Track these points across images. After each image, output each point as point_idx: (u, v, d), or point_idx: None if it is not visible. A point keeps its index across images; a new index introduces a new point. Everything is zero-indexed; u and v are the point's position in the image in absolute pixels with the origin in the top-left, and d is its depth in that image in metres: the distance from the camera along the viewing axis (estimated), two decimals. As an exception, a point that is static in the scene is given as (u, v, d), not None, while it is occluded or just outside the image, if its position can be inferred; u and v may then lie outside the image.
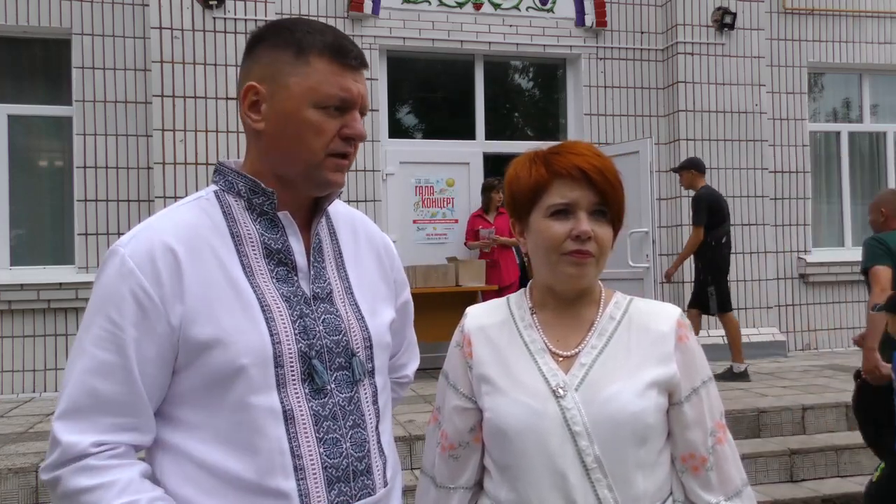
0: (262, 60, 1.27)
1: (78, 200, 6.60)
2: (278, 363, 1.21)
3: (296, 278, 1.28)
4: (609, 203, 1.36)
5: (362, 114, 1.29)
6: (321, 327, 1.27)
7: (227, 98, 6.50)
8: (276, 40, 1.26)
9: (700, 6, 7.67)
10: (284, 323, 1.23)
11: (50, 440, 1.17)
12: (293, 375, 1.22)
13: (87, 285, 6.48)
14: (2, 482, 4.05)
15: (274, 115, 1.25)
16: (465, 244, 7.39)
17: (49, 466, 1.16)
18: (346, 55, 1.25)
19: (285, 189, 1.28)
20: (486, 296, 6.75)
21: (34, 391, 6.46)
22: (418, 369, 1.67)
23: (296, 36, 1.25)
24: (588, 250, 1.34)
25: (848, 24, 8.49)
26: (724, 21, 7.61)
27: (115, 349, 1.17)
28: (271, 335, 1.21)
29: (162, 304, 1.18)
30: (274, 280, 1.26)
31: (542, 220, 1.36)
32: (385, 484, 1.31)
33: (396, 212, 7.31)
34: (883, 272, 3.76)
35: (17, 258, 6.70)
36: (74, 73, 6.65)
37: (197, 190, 1.36)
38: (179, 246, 1.21)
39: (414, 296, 1.60)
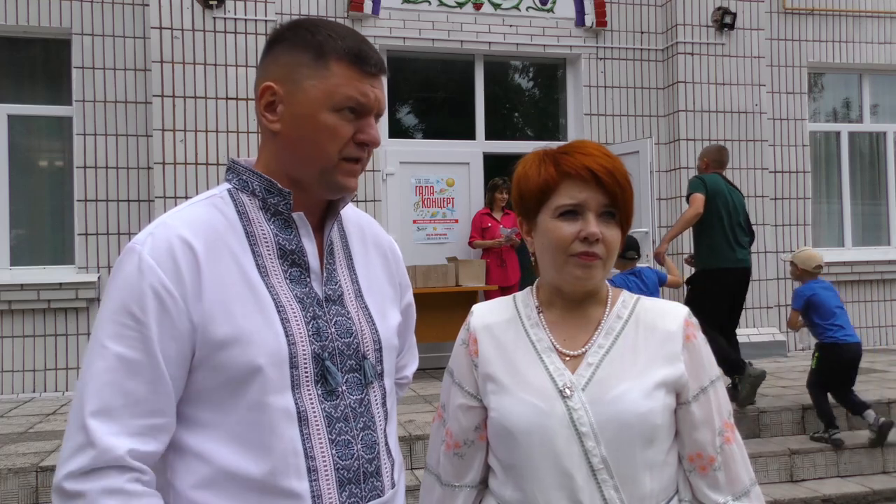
0: (281, 60, 1.26)
1: (78, 200, 6.60)
2: (293, 364, 1.21)
3: (308, 280, 1.28)
4: (618, 205, 1.35)
5: (377, 118, 1.29)
6: (333, 329, 1.27)
7: (227, 98, 6.50)
8: (296, 41, 1.25)
9: (700, 6, 7.67)
10: (298, 324, 1.23)
11: (79, 442, 1.12)
12: (307, 377, 1.22)
13: (88, 285, 6.48)
14: (2, 482, 4.05)
15: (290, 117, 1.24)
16: (471, 242, 7.27)
17: (77, 473, 1.10)
18: (366, 61, 1.25)
19: (299, 191, 1.28)
20: (490, 296, 6.75)
21: (34, 391, 6.46)
22: (419, 369, 1.67)
23: (317, 39, 1.24)
24: (596, 252, 1.33)
25: (848, 24, 8.49)
26: (724, 21, 7.61)
27: (142, 347, 1.14)
28: (287, 336, 1.21)
29: (183, 302, 1.17)
30: (288, 281, 1.26)
31: (551, 221, 1.36)
32: (393, 485, 1.32)
33: (396, 212, 7.31)
34: (699, 197, 5.36)
35: (17, 258, 6.69)
36: (74, 73, 6.65)
37: (197, 190, 1.36)
38: (198, 243, 1.20)
39: (414, 296, 1.60)
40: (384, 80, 1.30)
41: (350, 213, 1.44)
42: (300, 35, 1.26)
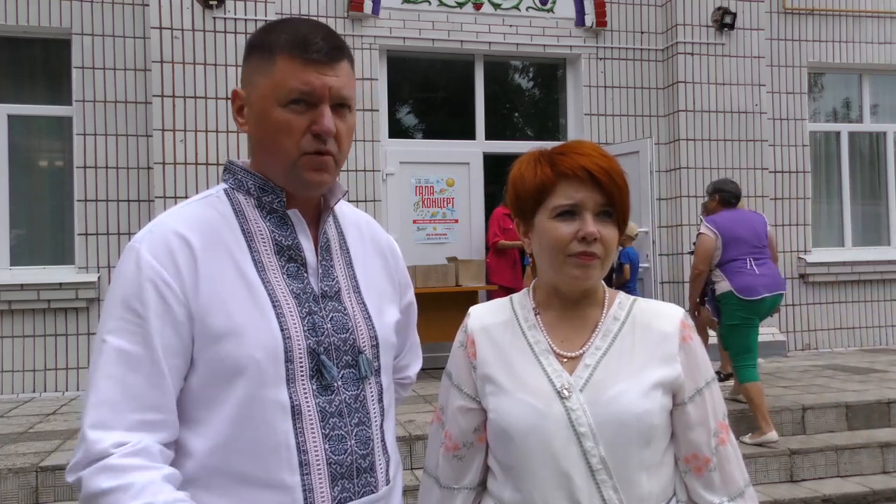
0: (246, 65, 1.30)
1: (78, 200, 6.60)
2: (288, 358, 1.22)
3: (306, 275, 1.29)
4: (615, 204, 1.35)
5: (346, 108, 1.28)
6: (329, 325, 1.28)
7: (227, 98, 6.48)
8: (256, 44, 1.28)
9: (700, 6, 7.67)
10: (294, 319, 1.24)
11: (79, 436, 1.15)
12: (302, 371, 1.23)
13: (88, 285, 6.48)
14: (2, 482, 4.05)
15: (252, 118, 1.27)
16: (496, 242, 7.02)
17: (73, 467, 1.14)
18: (307, 49, 1.23)
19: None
20: (492, 296, 6.74)
21: (34, 391, 6.46)
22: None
23: (269, 37, 1.26)
24: (594, 252, 1.33)
25: (848, 24, 8.49)
26: (724, 21, 7.61)
27: (142, 342, 1.16)
28: (282, 330, 1.22)
29: (182, 294, 1.18)
30: (284, 276, 1.27)
31: (548, 221, 1.36)
32: (387, 482, 1.32)
33: (396, 212, 7.31)
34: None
35: (17, 258, 6.69)
36: (74, 73, 6.65)
37: (197, 190, 1.37)
38: (195, 238, 1.22)
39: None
40: (343, 65, 1.27)
41: (348, 212, 1.45)
42: (259, 37, 1.29)
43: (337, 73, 1.25)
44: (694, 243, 5.36)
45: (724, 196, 5.39)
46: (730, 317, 5.04)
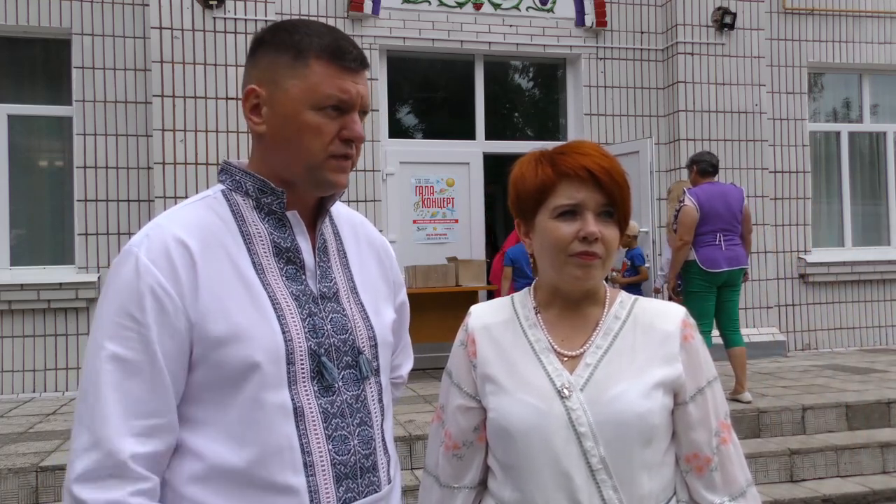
0: (262, 64, 1.28)
1: (78, 200, 6.60)
2: (290, 360, 1.22)
3: (304, 277, 1.29)
4: (616, 204, 1.35)
5: (364, 114, 1.30)
6: (329, 326, 1.28)
7: (227, 98, 6.50)
8: (276, 42, 1.27)
9: (700, 6, 7.67)
10: (294, 321, 1.24)
11: (84, 443, 1.13)
12: (303, 373, 1.23)
13: (88, 285, 6.48)
14: (2, 482, 4.05)
15: (274, 118, 1.26)
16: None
17: (84, 477, 1.11)
18: (344, 57, 1.25)
19: (290, 190, 1.29)
20: (493, 296, 6.74)
21: (34, 391, 6.46)
22: (418, 369, 1.67)
23: (294, 38, 1.25)
24: (595, 252, 1.33)
25: (848, 24, 8.49)
26: (724, 21, 7.61)
27: (142, 348, 1.16)
28: (283, 332, 1.22)
29: (180, 300, 1.18)
30: (284, 278, 1.27)
31: (549, 221, 1.36)
32: (389, 481, 1.33)
33: (396, 212, 7.31)
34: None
35: (17, 258, 6.69)
36: (74, 73, 6.65)
37: (197, 190, 1.37)
38: (193, 242, 1.21)
39: (414, 296, 1.60)
40: (367, 74, 1.30)
41: (342, 211, 1.46)
42: (279, 36, 1.27)
43: (363, 82, 1.28)
44: (675, 216, 5.58)
45: (701, 166, 5.61)
46: (691, 284, 5.48)
